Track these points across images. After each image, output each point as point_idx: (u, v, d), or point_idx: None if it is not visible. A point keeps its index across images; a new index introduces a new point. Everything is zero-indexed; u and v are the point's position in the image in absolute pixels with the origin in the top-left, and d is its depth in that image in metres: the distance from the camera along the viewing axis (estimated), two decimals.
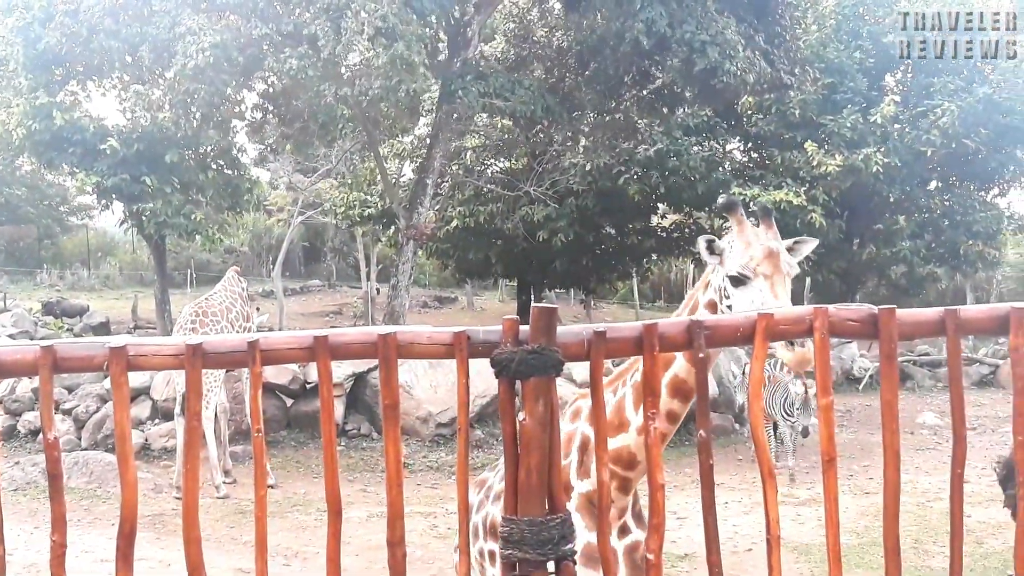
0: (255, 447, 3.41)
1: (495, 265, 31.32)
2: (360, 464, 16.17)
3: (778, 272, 4.13)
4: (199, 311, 14.51)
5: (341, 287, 47.51)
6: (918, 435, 19.17)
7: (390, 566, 3.36)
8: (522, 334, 3.27)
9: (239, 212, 29.39)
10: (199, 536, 3.32)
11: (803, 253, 4.45)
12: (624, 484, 4.36)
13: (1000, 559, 10.92)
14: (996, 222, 28.59)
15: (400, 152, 29.74)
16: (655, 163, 25.32)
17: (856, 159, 23.87)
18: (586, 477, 4.39)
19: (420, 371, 17.49)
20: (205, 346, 3.28)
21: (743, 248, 4.20)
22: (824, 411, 3.39)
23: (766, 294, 4.04)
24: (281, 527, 12.36)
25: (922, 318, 3.45)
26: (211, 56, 17.99)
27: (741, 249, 4.21)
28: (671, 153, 25.04)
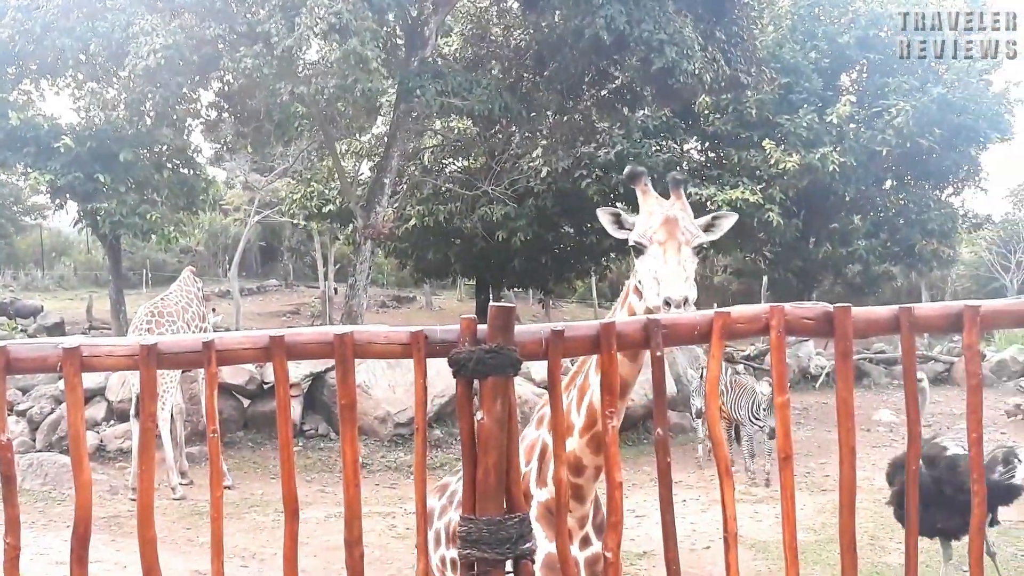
0: (211, 448, 3.38)
1: (454, 264, 31.26)
2: (318, 464, 16.11)
3: (671, 239, 3.99)
4: (154, 312, 14.41)
5: (298, 287, 47.30)
6: (874, 432, 19.32)
7: (348, 566, 3.34)
8: (480, 333, 3.26)
9: (195, 211, 29.18)
10: (154, 537, 3.29)
11: (723, 228, 4.33)
12: (576, 491, 4.24)
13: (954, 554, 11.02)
14: (950, 221, 28.90)
15: (358, 151, 29.61)
16: (615, 165, 25.37)
17: (812, 158, 24.03)
18: (544, 486, 4.31)
19: (378, 371, 17.44)
20: (160, 346, 3.25)
21: (645, 218, 4.17)
22: (780, 409, 3.40)
23: (658, 260, 3.93)
24: (238, 528, 12.29)
25: (877, 316, 3.48)
26: (163, 57, 17.86)
27: (643, 219, 4.17)
28: (631, 155, 25.09)
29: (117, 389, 16.45)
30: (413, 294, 46.41)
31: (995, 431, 18.80)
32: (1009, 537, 11.74)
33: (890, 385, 25.53)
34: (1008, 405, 20.90)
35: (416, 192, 27.83)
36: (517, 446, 3.35)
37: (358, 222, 22.85)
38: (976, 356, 3.48)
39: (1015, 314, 3.60)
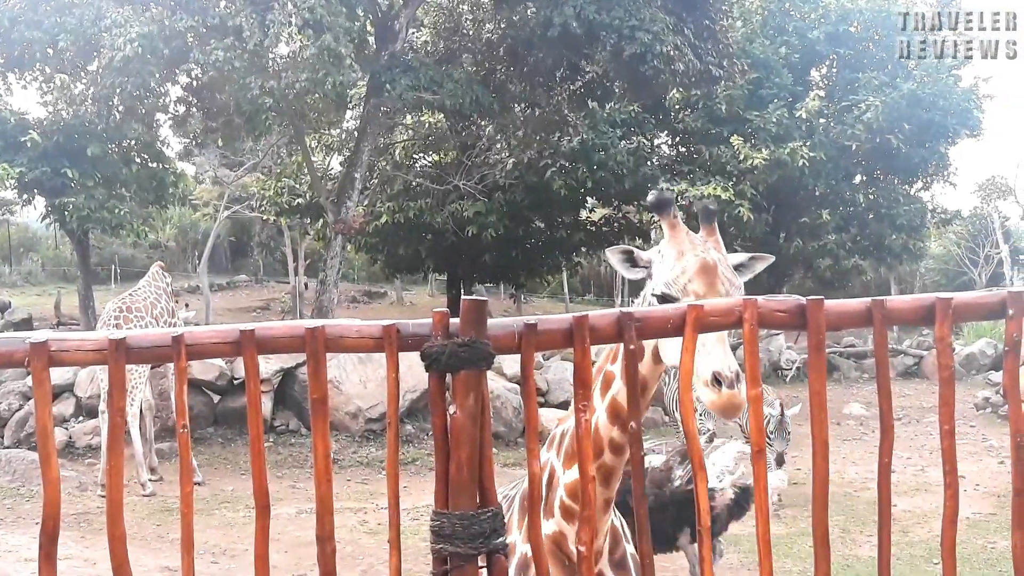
0: (180, 443, 3.35)
1: (425, 259, 31.22)
2: (289, 460, 16.06)
3: (712, 291, 3.54)
4: (123, 307, 14.32)
5: (269, 282, 47.18)
6: (845, 425, 19.43)
7: (319, 561, 3.32)
8: (452, 327, 3.24)
9: (164, 206, 29.10)
10: (124, 533, 3.25)
11: (756, 270, 3.95)
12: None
13: (926, 548, 11.09)
14: (919, 215, 29.11)
15: (328, 145, 29.57)
16: (581, 156, 25.39)
17: (782, 153, 24.17)
18: (551, 516, 4.06)
19: (349, 366, 17.40)
20: (128, 341, 3.21)
21: (674, 259, 3.63)
22: (753, 403, 3.40)
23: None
24: (209, 524, 12.24)
25: (849, 309, 3.48)
26: (139, 47, 17.78)
27: (672, 260, 3.63)
28: (597, 147, 25.11)
29: (86, 385, 16.34)
30: (384, 289, 46.33)
31: (964, 424, 18.95)
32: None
33: (860, 379, 25.69)
34: (977, 398, 21.06)
35: (387, 187, 27.79)
36: (490, 440, 3.33)
37: (329, 217, 22.80)
38: (948, 348, 3.48)
39: (986, 307, 3.60)
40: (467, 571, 3.24)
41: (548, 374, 18.94)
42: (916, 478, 15.00)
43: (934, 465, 15.36)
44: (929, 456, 16.15)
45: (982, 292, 3.67)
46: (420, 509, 11.99)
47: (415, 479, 14.67)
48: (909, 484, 14.59)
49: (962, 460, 3.16)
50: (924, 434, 17.98)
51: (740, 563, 10.60)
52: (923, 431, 18.37)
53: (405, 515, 12.18)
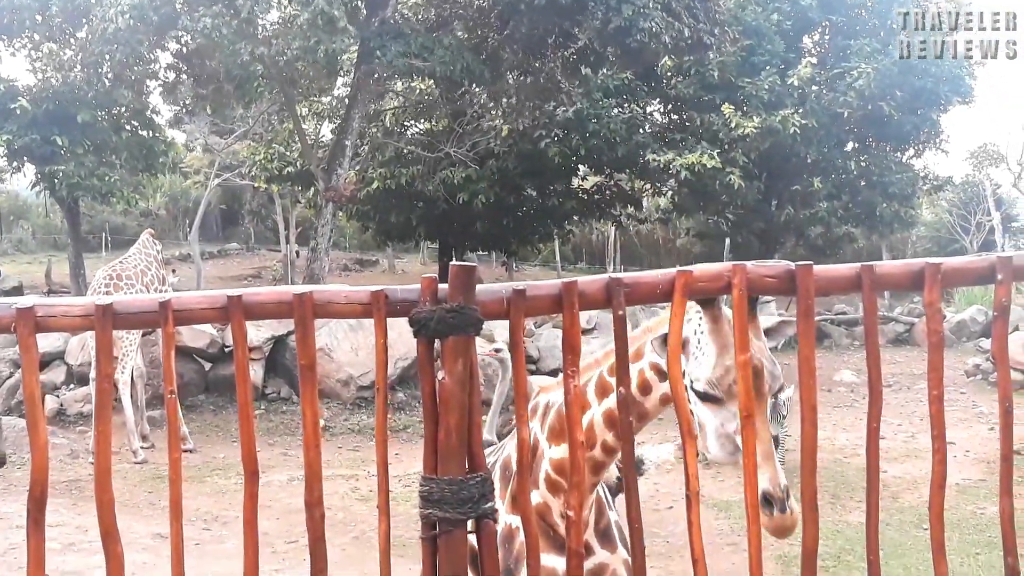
0: (169, 408, 3.34)
1: (416, 227, 31.14)
2: (280, 428, 16.08)
3: (759, 395, 3.44)
4: (113, 274, 14.30)
5: (260, 250, 47.06)
6: (835, 392, 19.48)
7: (308, 527, 3.32)
8: (441, 293, 3.23)
9: (154, 174, 29.00)
10: (112, 499, 3.25)
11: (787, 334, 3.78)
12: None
13: (915, 514, 11.14)
14: (911, 183, 29.04)
15: (319, 112, 29.43)
16: (575, 125, 25.28)
17: (774, 121, 24.07)
18: (534, 487, 4.07)
19: (340, 334, 17.40)
20: (116, 306, 3.20)
21: (717, 353, 3.51)
22: (741, 368, 3.39)
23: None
24: (200, 492, 12.26)
25: (839, 274, 3.48)
26: (130, 19, 17.67)
27: (714, 354, 3.52)
28: (591, 115, 25.02)
29: (77, 353, 16.33)
30: (376, 257, 46.24)
31: (955, 391, 19.00)
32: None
33: (851, 346, 25.71)
34: (968, 365, 21.11)
35: (378, 154, 27.67)
36: (479, 406, 3.33)
37: (319, 185, 22.72)
38: (937, 314, 3.48)
39: (976, 271, 3.60)
40: (456, 536, 3.24)
41: (539, 342, 18.94)
42: (906, 444, 15.04)
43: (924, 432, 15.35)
44: (920, 423, 16.20)
45: (971, 257, 3.67)
46: (411, 476, 12.01)
47: (406, 446, 14.72)
48: (899, 450, 14.64)
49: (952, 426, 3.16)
50: (915, 401, 18.03)
51: (731, 528, 10.65)
52: (914, 398, 18.42)
53: (396, 482, 12.22)
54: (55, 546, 9.40)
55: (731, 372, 3.44)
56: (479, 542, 3.33)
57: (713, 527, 10.50)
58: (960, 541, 10.24)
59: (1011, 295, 3.51)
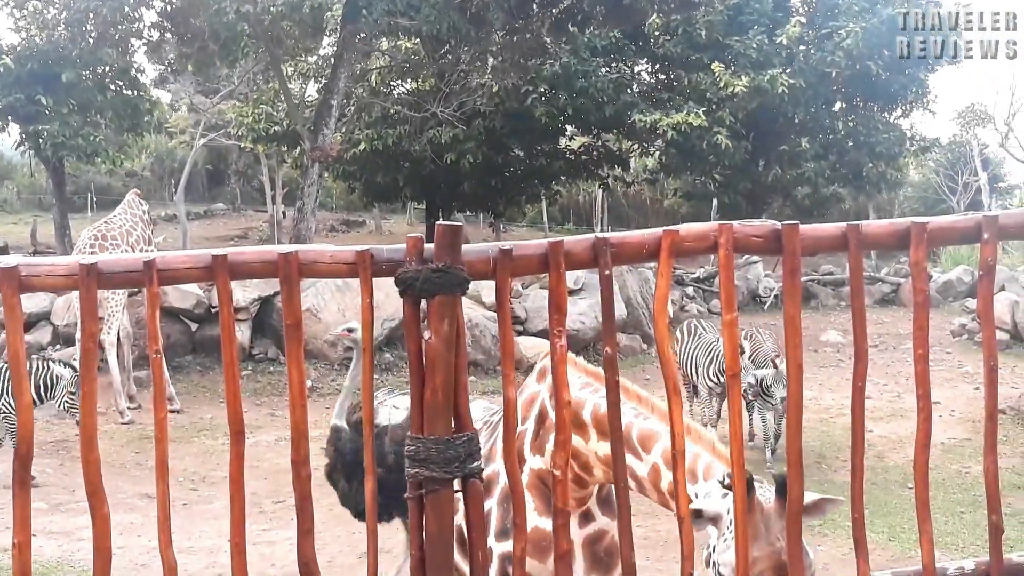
0: (154, 368, 3.33)
1: (403, 188, 31.06)
2: (267, 388, 16.09)
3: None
4: (98, 234, 14.26)
5: (246, 211, 46.82)
6: (822, 353, 19.55)
7: (295, 486, 3.32)
8: (427, 252, 3.23)
9: (139, 134, 28.83)
10: (98, 458, 3.25)
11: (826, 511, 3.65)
12: (580, 480, 4.06)
13: (900, 472, 11.20)
14: (898, 143, 29.01)
15: (304, 72, 29.27)
16: (562, 82, 25.18)
17: (762, 80, 24.02)
18: (540, 454, 4.11)
19: (327, 295, 17.38)
20: (100, 266, 3.19)
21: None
22: (728, 327, 3.40)
23: None
24: (187, 452, 12.28)
25: (825, 233, 3.48)
26: None
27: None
28: (578, 74, 24.92)
29: (62, 313, 16.29)
30: (362, 218, 46.05)
31: (941, 351, 19.09)
32: None
33: (837, 307, 25.79)
34: (954, 325, 21.20)
35: (364, 115, 27.55)
36: (465, 365, 3.33)
37: (305, 145, 22.60)
38: (923, 273, 3.49)
39: (962, 230, 3.61)
40: (442, 495, 3.25)
41: (526, 302, 18.93)
42: (892, 404, 15.11)
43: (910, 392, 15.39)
44: (905, 382, 16.27)
45: (958, 216, 3.68)
46: None
47: None
48: (885, 410, 14.71)
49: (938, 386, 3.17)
50: (900, 361, 18.10)
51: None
52: (899, 358, 18.49)
53: None
54: (41, 506, 9.42)
55: (758, 564, 3.38)
56: (465, 501, 3.34)
57: None
58: (945, 500, 10.31)
59: (997, 255, 3.52)
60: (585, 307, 18.62)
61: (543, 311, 17.93)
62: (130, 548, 8.45)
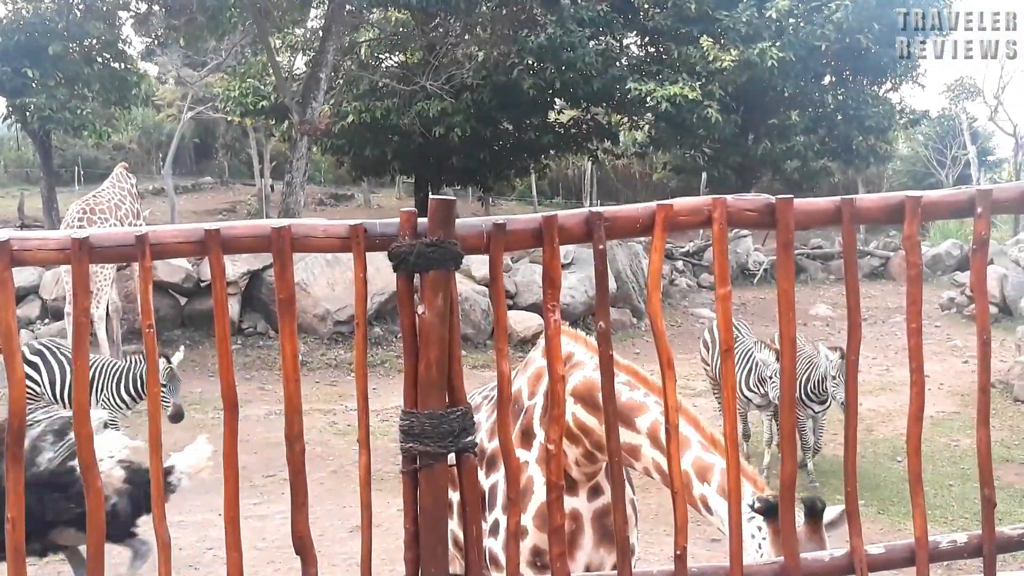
0: (147, 343, 3.32)
1: (392, 162, 31.02)
2: (257, 363, 16.09)
3: None
4: (86, 208, 14.21)
5: (234, 184, 46.70)
6: (811, 326, 19.58)
7: (288, 461, 3.32)
8: (420, 227, 3.22)
9: (127, 107, 28.78)
10: (91, 433, 3.24)
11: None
12: (591, 456, 4.00)
13: (890, 446, 11.27)
14: (888, 117, 28.98)
15: (293, 45, 29.16)
16: (549, 55, 25.07)
17: (751, 53, 23.94)
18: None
19: (317, 269, 17.37)
20: (92, 240, 3.17)
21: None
22: (722, 301, 3.40)
23: None
24: (177, 426, 12.26)
25: (818, 207, 3.48)
26: None
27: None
28: (565, 45, 24.82)
29: (51, 287, 16.26)
30: (351, 192, 45.98)
31: (929, 324, 19.14)
32: None
33: (827, 280, 25.86)
34: (942, 299, 21.26)
35: (353, 88, 27.48)
36: (459, 340, 3.33)
37: (294, 118, 22.53)
38: (916, 247, 3.49)
39: (955, 204, 3.61)
40: (436, 470, 3.25)
41: (516, 276, 18.94)
42: (881, 378, 15.18)
43: (898, 365, 15.54)
44: (894, 356, 16.34)
45: (951, 190, 3.68)
46: (389, 411, 12.05)
47: (384, 381, 14.75)
48: (874, 384, 14.77)
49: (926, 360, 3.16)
50: (889, 335, 18.17)
51: None
52: (888, 331, 18.56)
53: (374, 416, 12.20)
54: None
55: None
56: (459, 476, 3.35)
57: None
58: (934, 473, 10.36)
59: (989, 228, 3.52)
60: (575, 281, 18.64)
61: (533, 285, 17.97)
62: None
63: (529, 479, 3.86)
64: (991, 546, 3.63)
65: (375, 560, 3.41)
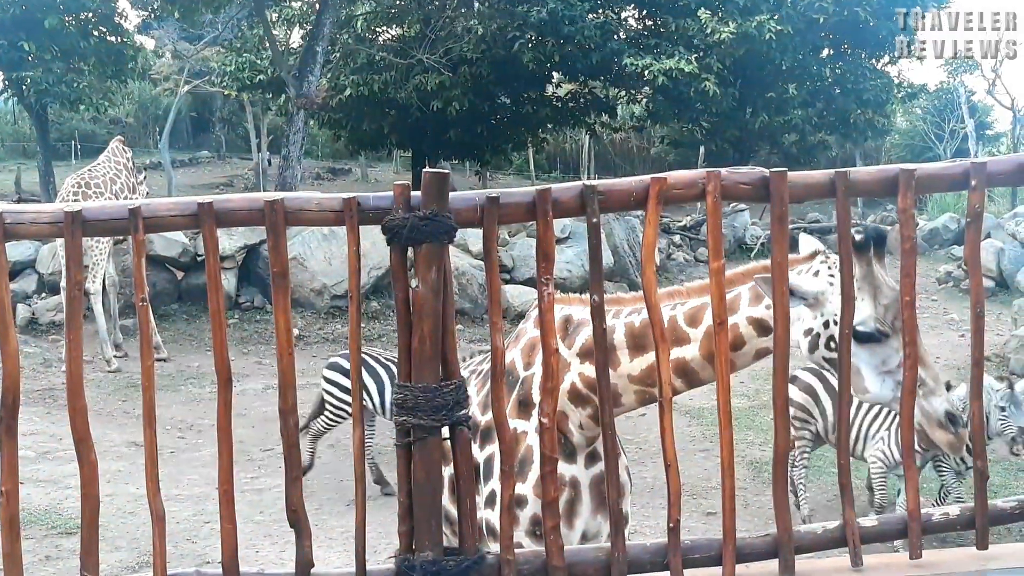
0: (140, 315, 3.33)
1: (389, 135, 30.95)
2: (254, 337, 16.10)
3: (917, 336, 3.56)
4: (81, 182, 14.19)
5: (231, 158, 46.55)
6: None
7: (282, 434, 3.33)
8: (414, 200, 3.22)
9: (123, 81, 28.68)
10: (85, 406, 3.25)
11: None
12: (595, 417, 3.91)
13: None
14: (886, 90, 28.93)
15: (289, 17, 29.01)
16: (549, 29, 25.01)
17: (750, 26, 23.87)
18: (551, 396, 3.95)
19: (314, 243, 17.37)
20: (85, 213, 3.18)
21: (872, 295, 3.61)
22: (715, 275, 3.40)
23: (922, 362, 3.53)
24: (174, 400, 12.30)
25: (813, 180, 3.47)
26: None
27: (869, 298, 3.61)
28: (566, 19, 24.74)
29: (48, 261, 16.25)
30: (348, 166, 45.82)
31: (926, 298, 19.14)
32: None
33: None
34: (939, 273, 21.26)
35: (350, 61, 27.36)
36: (453, 313, 3.33)
37: (291, 92, 22.43)
38: (910, 220, 3.50)
39: (949, 177, 3.61)
40: (430, 443, 3.26)
41: (513, 251, 18.93)
42: None
43: None
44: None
45: (945, 163, 3.68)
46: None
47: None
48: None
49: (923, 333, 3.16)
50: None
51: (703, 435, 10.77)
52: None
53: None
54: (29, 454, 9.44)
55: (890, 309, 3.57)
56: (453, 449, 3.35)
57: (685, 433, 10.61)
58: None
59: (984, 202, 3.52)
60: (572, 255, 18.64)
61: (530, 259, 17.95)
62: (118, 496, 8.47)
63: (528, 448, 3.85)
64: (983, 519, 3.64)
65: (373, 534, 3.43)
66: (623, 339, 3.87)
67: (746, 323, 3.71)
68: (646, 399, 3.89)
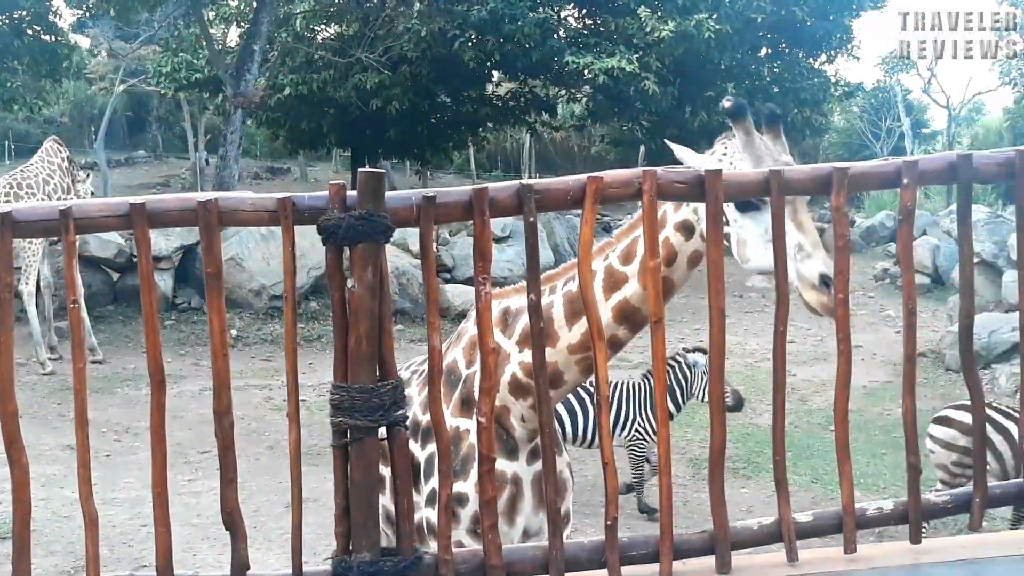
0: (71, 318, 3.28)
1: (328, 134, 30.85)
2: (192, 338, 15.96)
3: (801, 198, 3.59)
4: (13, 183, 14.01)
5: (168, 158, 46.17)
6: (747, 298, 19.77)
7: (217, 436, 3.30)
8: (350, 200, 3.20)
9: (58, 80, 28.35)
10: (16, 409, 3.20)
11: None
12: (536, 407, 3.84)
13: (823, 415, 11.40)
14: (823, 89, 29.26)
15: (226, 16, 28.80)
16: (490, 27, 25.01)
17: (689, 25, 24.02)
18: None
19: (252, 243, 17.26)
20: (15, 214, 3.12)
21: (753, 165, 3.61)
22: (651, 274, 3.40)
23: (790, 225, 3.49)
24: (111, 403, 12.16)
25: (747, 179, 3.48)
26: None
27: (750, 166, 3.61)
28: (506, 17, 24.76)
29: None
30: (287, 166, 45.62)
31: (863, 295, 19.40)
32: None
33: None
34: (876, 270, 21.54)
35: (288, 60, 27.22)
36: (390, 313, 3.31)
37: (228, 91, 22.28)
38: (844, 218, 3.52)
39: (882, 175, 3.64)
40: (367, 444, 3.24)
41: (454, 250, 18.93)
42: (815, 348, 15.35)
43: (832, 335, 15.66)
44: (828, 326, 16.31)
45: (878, 162, 3.71)
46: (325, 385, 11.91)
47: (320, 355, 14.71)
48: (808, 354, 14.93)
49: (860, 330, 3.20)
50: None
51: None
52: None
53: (311, 391, 12.22)
54: None
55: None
56: (391, 449, 3.34)
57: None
58: (867, 441, 10.52)
59: (916, 199, 3.56)
60: (512, 254, 18.66)
61: (470, 259, 17.87)
62: (52, 500, 8.36)
63: (471, 446, 3.83)
64: (916, 513, 3.68)
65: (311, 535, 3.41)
66: (561, 312, 3.88)
67: (674, 231, 3.76)
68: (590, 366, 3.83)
